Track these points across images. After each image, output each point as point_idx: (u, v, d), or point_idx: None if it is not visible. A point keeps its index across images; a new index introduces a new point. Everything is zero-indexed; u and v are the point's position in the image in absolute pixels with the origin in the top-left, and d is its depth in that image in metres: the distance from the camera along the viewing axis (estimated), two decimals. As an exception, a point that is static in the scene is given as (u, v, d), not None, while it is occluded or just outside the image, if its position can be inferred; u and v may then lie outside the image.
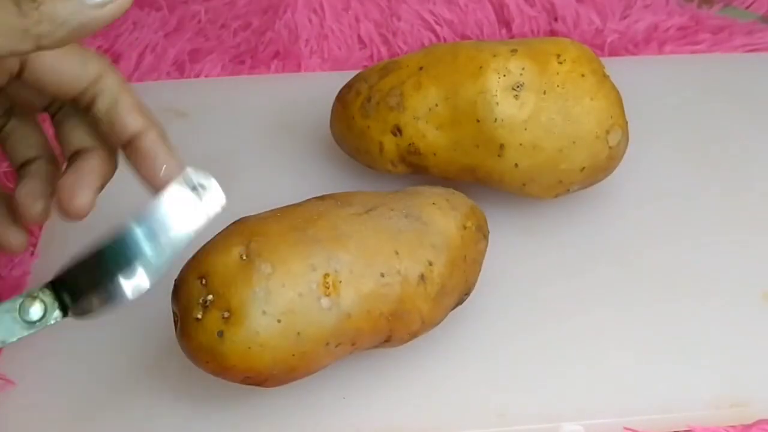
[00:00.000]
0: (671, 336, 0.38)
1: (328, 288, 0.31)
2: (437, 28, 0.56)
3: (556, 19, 0.56)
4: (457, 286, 0.35)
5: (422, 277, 0.33)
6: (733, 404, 0.36)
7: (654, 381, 0.36)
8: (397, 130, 0.40)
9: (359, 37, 0.56)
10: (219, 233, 0.32)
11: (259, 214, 0.33)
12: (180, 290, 0.31)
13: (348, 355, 0.33)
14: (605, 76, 0.39)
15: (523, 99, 0.37)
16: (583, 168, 0.38)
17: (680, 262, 0.41)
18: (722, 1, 0.59)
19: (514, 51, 0.38)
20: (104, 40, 0.54)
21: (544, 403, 0.35)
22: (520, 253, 0.42)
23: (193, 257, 0.32)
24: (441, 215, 0.35)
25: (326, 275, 0.31)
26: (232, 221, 0.33)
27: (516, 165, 0.38)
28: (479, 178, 0.40)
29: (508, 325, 0.38)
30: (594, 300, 0.40)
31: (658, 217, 0.44)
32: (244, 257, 0.30)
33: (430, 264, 0.33)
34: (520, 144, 0.38)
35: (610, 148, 0.38)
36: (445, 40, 0.56)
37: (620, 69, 0.42)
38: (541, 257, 0.42)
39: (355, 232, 0.32)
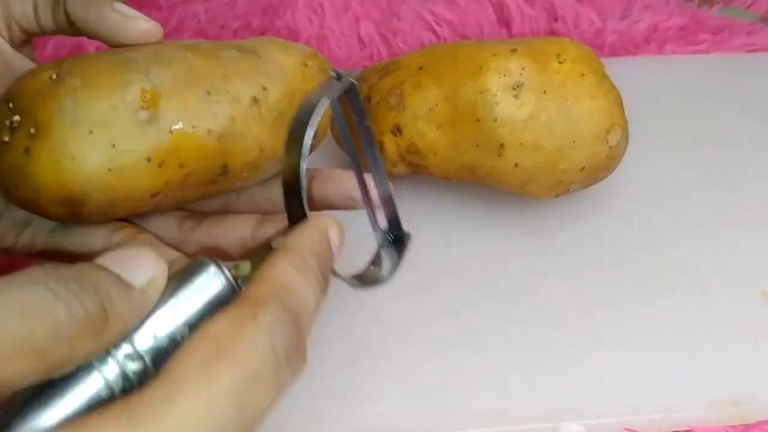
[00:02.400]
0: (671, 335, 0.38)
1: (146, 102, 0.28)
2: (437, 28, 0.56)
3: (556, 19, 0.56)
4: None
5: (255, 99, 0.30)
6: (734, 404, 0.36)
7: (654, 381, 0.36)
8: (397, 130, 0.40)
9: (359, 37, 0.56)
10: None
11: None
12: None
13: (181, 190, 0.30)
14: (605, 76, 0.39)
15: (523, 99, 0.37)
16: (583, 168, 0.38)
17: (680, 262, 0.41)
18: (722, 1, 0.59)
19: (514, 51, 0.38)
20: (104, 40, 0.54)
21: (544, 403, 0.35)
22: (520, 253, 0.42)
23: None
24: (278, 51, 0.33)
25: (144, 90, 0.28)
26: None
27: (516, 164, 0.38)
28: (479, 177, 0.40)
29: (507, 325, 0.38)
30: (594, 299, 0.40)
31: (657, 216, 0.44)
32: (54, 77, 0.28)
33: (264, 89, 0.31)
34: (520, 143, 0.38)
35: (610, 147, 0.38)
36: (445, 40, 0.56)
37: (620, 69, 0.42)
38: (541, 257, 0.41)
39: (179, 56, 0.30)
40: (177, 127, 0.29)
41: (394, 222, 0.32)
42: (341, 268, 0.27)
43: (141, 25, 0.31)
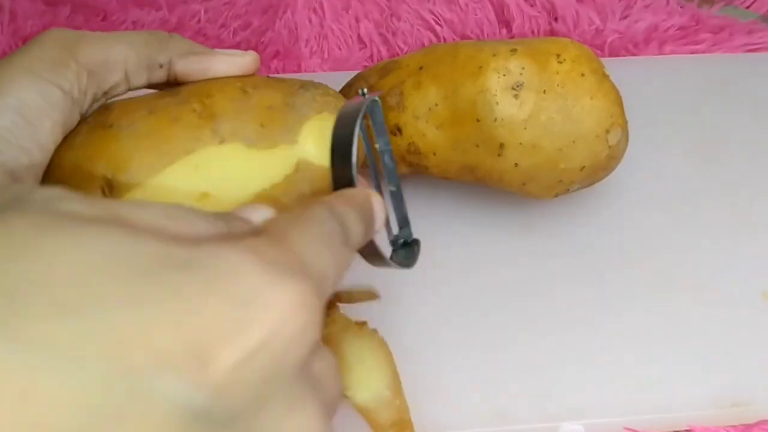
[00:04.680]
0: (671, 335, 0.38)
1: None
2: (437, 28, 0.56)
3: (556, 19, 0.56)
4: None
5: None
6: (734, 404, 0.35)
7: (654, 380, 0.36)
8: (397, 130, 0.40)
9: (359, 37, 0.56)
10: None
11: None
12: None
13: None
14: (605, 76, 0.39)
15: (522, 98, 0.37)
16: (583, 167, 0.38)
17: (680, 262, 0.41)
18: (722, 0, 0.59)
19: (513, 51, 0.38)
20: (104, 40, 0.54)
21: (544, 403, 0.35)
22: (520, 253, 0.42)
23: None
24: None
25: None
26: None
27: (516, 164, 0.38)
28: (479, 177, 0.40)
29: (507, 325, 0.38)
30: (594, 299, 0.40)
31: (657, 216, 0.44)
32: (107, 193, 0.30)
33: None
34: (520, 143, 0.37)
35: (610, 147, 0.38)
36: (445, 40, 0.56)
37: (620, 69, 0.42)
38: (541, 257, 0.41)
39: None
40: None
41: (406, 230, 0.35)
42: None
43: (242, 60, 0.34)
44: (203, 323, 0.18)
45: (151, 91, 0.34)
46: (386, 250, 0.32)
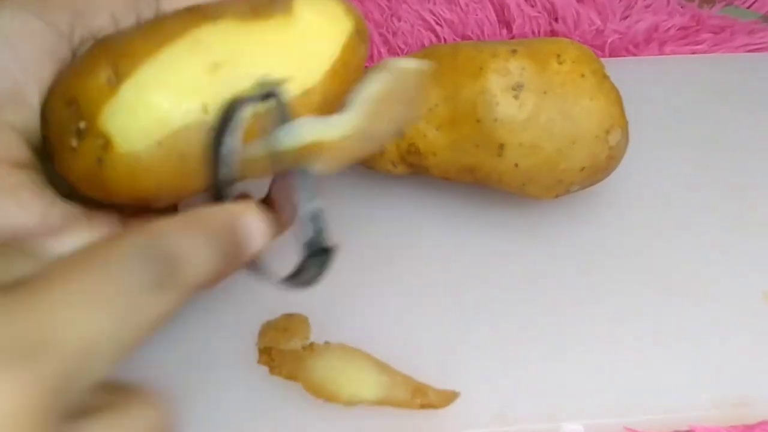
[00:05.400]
0: (672, 335, 0.38)
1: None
2: (437, 28, 0.56)
3: (556, 20, 0.56)
4: None
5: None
6: (735, 404, 0.36)
7: (655, 381, 0.36)
8: (397, 131, 0.40)
9: (359, 37, 0.56)
10: (83, 56, 0.30)
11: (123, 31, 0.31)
12: (50, 118, 0.29)
13: None
14: (605, 77, 0.39)
15: (522, 99, 0.37)
16: (583, 168, 0.38)
17: (680, 262, 0.41)
18: (723, 0, 0.59)
19: (514, 51, 0.38)
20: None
21: (544, 403, 0.35)
22: (520, 253, 0.42)
23: (58, 81, 0.30)
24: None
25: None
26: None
27: (516, 165, 0.38)
28: (479, 178, 0.40)
29: (507, 325, 0.38)
30: (594, 300, 0.40)
31: (657, 217, 0.44)
32: (113, 80, 0.28)
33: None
34: (520, 144, 0.38)
35: (609, 148, 0.38)
36: (445, 40, 0.56)
37: (620, 69, 0.42)
38: (541, 257, 0.41)
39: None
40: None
41: (319, 235, 0.29)
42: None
43: None
44: None
45: None
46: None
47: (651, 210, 0.44)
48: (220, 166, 0.27)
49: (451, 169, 0.40)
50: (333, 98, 0.31)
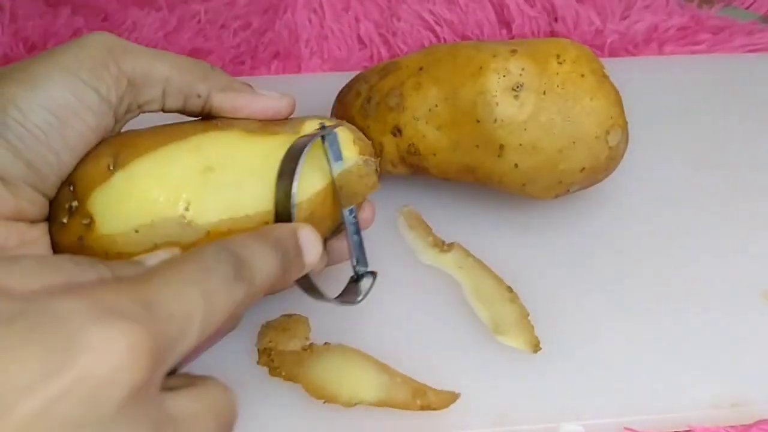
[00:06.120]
0: (671, 335, 0.38)
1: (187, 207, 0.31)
2: (437, 28, 0.56)
3: (556, 20, 0.56)
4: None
5: None
6: (734, 404, 0.36)
7: (654, 381, 0.36)
8: (397, 131, 0.40)
9: (359, 37, 0.56)
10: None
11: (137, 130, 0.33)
12: (56, 194, 0.31)
13: None
14: (605, 77, 0.39)
15: (522, 99, 0.37)
16: (583, 168, 0.38)
17: (680, 262, 0.41)
18: (722, 1, 0.59)
19: (513, 51, 0.38)
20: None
21: (544, 403, 0.35)
22: (519, 253, 0.42)
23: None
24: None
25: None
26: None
27: (516, 165, 0.38)
28: (479, 178, 0.40)
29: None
30: (593, 300, 0.40)
31: (657, 217, 0.44)
32: (111, 167, 0.30)
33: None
34: (520, 144, 0.38)
35: (609, 148, 0.38)
36: (445, 40, 0.56)
37: (620, 69, 0.42)
38: (541, 258, 0.42)
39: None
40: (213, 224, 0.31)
41: (363, 261, 0.35)
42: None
43: (278, 105, 0.34)
44: (9, 374, 0.19)
45: (187, 118, 0.34)
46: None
47: (651, 210, 0.44)
48: (291, 198, 0.30)
49: (451, 170, 0.40)
50: (321, 216, 0.33)
